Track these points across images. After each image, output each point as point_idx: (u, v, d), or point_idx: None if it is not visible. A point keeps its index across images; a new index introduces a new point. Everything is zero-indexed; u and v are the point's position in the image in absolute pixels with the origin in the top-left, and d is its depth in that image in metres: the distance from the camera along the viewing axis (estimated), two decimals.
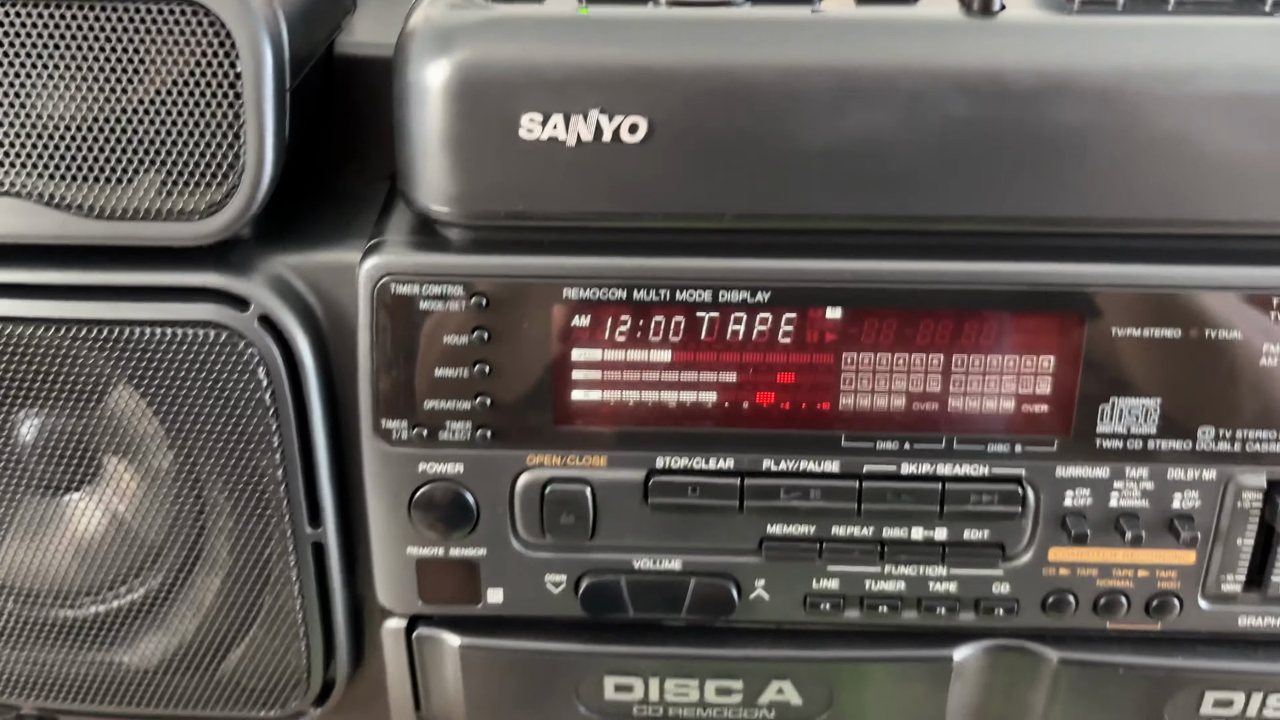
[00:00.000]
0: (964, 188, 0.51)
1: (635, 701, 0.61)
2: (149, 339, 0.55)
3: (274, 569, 0.60)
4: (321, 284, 0.56)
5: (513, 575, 0.59)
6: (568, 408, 0.55)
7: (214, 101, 0.51)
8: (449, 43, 0.50)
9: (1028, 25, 0.51)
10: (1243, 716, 0.60)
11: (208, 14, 0.50)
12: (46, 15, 0.50)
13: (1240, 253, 0.53)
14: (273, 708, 0.65)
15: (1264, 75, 0.49)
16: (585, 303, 0.53)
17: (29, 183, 0.52)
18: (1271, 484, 0.56)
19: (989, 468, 0.56)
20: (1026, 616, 0.59)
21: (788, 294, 0.53)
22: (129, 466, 0.61)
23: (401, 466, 0.56)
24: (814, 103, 0.50)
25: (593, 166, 0.51)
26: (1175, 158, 0.50)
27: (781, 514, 0.57)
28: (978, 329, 0.53)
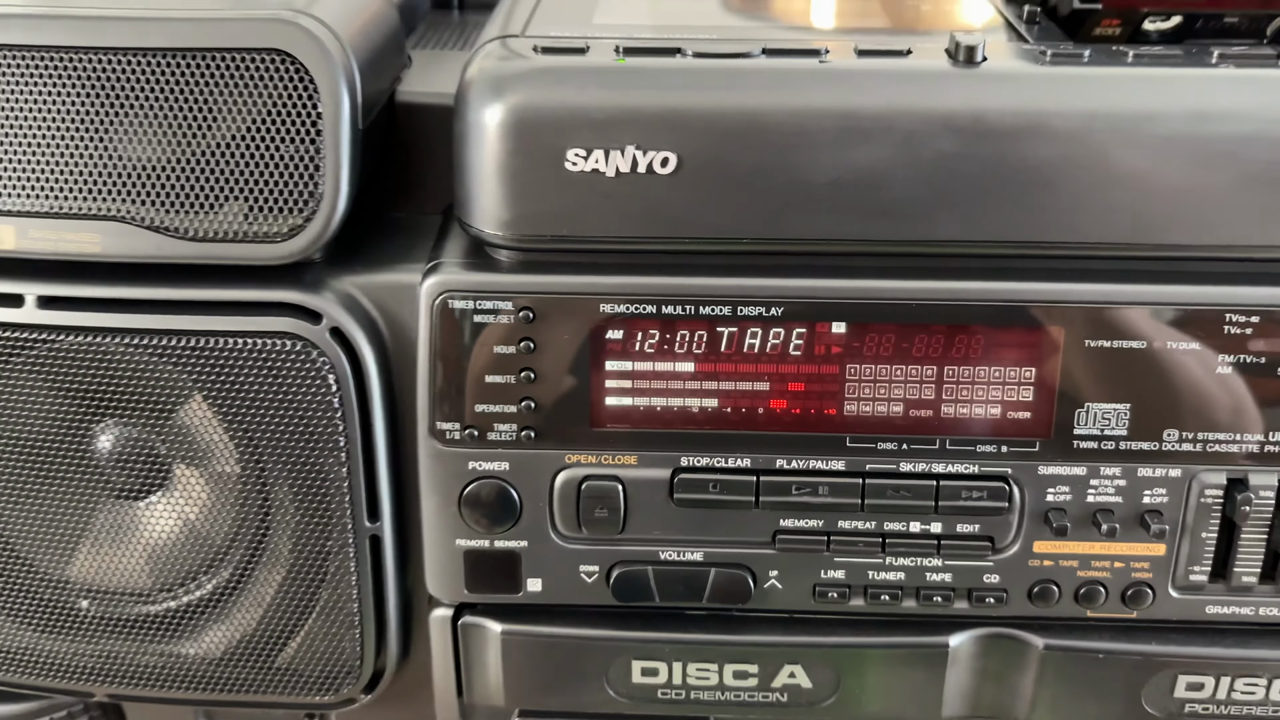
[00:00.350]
0: (952, 215, 0.57)
1: (660, 685, 0.66)
2: (227, 348, 0.61)
3: (334, 562, 0.65)
4: (384, 301, 0.62)
5: (550, 566, 0.64)
6: (603, 411, 0.61)
7: (297, 139, 0.57)
8: (504, 89, 0.57)
9: (1006, 74, 0.57)
10: (1213, 699, 0.64)
11: (295, 62, 0.56)
12: (159, 64, 0.57)
13: (1194, 273, 0.58)
14: (326, 694, 0.69)
15: (1209, 118, 0.56)
16: (619, 317, 0.59)
17: (133, 209, 0.58)
18: (1231, 481, 0.61)
19: (978, 466, 0.61)
20: (1014, 605, 0.64)
21: (798, 310, 0.59)
22: (198, 473, 0.66)
23: (453, 464, 0.62)
24: (821, 140, 0.56)
25: (629, 195, 0.57)
26: (1135, 189, 0.56)
27: (793, 509, 0.62)
28: (967, 342, 0.59)
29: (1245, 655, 0.64)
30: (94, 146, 0.58)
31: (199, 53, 0.57)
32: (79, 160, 0.58)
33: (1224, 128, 0.56)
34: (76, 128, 0.58)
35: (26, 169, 0.59)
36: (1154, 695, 0.65)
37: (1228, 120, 0.56)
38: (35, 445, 0.65)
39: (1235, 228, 0.57)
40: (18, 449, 0.65)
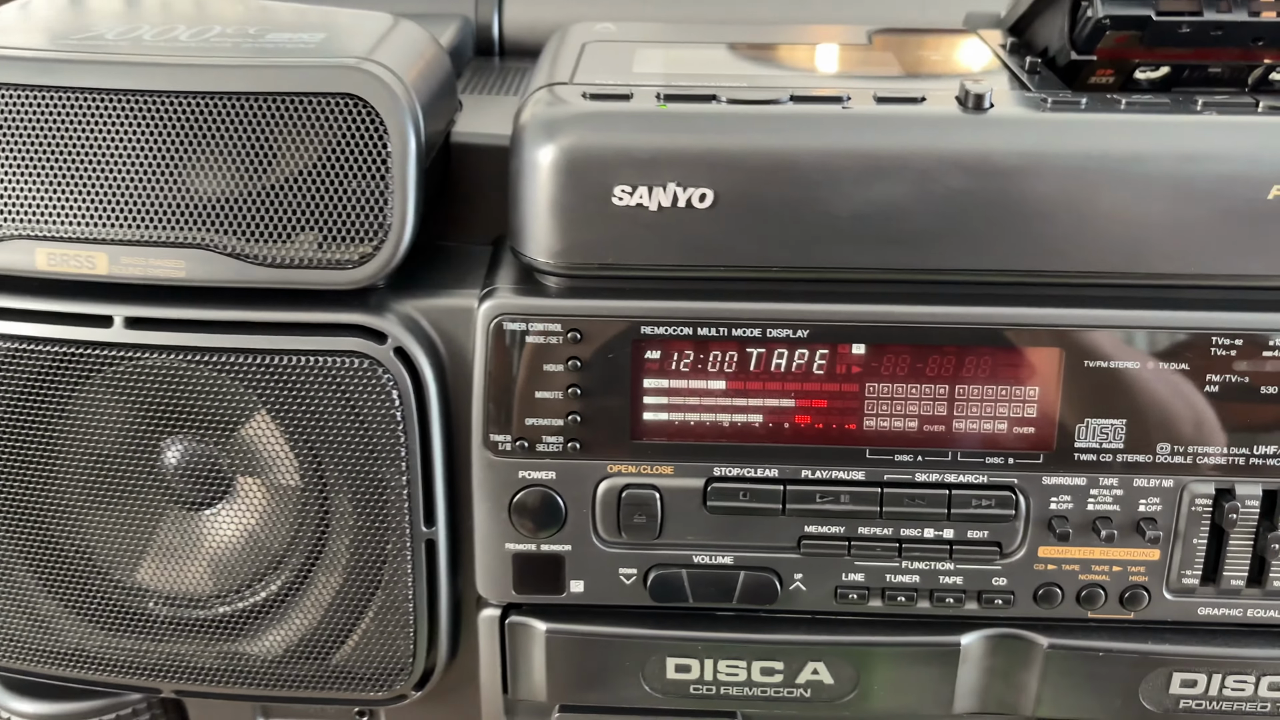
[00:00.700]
0: (962, 246, 0.62)
1: (692, 681, 0.70)
2: (298, 366, 0.65)
3: (390, 566, 0.69)
4: (441, 322, 0.67)
5: (592, 568, 0.68)
6: (642, 425, 0.66)
7: (367, 175, 0.62)
8: (557, 132, 0.62)
9: (1011, 119, 0.62)
10: (1205, 695, 0.69)
11: (367, 106, 0.61)
12: (241, 107, 0.62)
13: (1182, 300, 0.63)
14: (379, 690, 0.73)
15: (1195, 159, 0.61)
16: (658, 338, 0.64)
17: (215, 238, 0.63)
18: (1219, 491, 0.65)
19: (987, 477, 0.66)
20: (1021, 606, 0.68)
21: (821, 332, 0.64)
22: (259, 484, 0.70)
23: (504, 473, 0.67)
24: (843, 178, 0.61)
25: (669, 227, 0.62)
26: (1128, 223, 0.62)
27: (817, 516, 0.66)
28: (976, 362, 0.64)
29: (1235, 654, 0.68)
30: (180, 181, 0.63)
31: (278, 96, 0.62)
32: (166, 193, 0.63)
33: (1207, 168, 0.61)
34: (164, 164, 0.63)
35: (118, 201, 0.63)
36: (1150, 692, 0.69)
37: (1211, 161, 0.61)
38: (109, 458, 0.70)
39: (1218, 258, 0.62)
40: (93, 461, 0.70)
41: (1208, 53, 0.68)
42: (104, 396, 0.68)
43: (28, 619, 0.73)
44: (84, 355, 0.67)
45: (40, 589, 0.73)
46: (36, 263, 0.65)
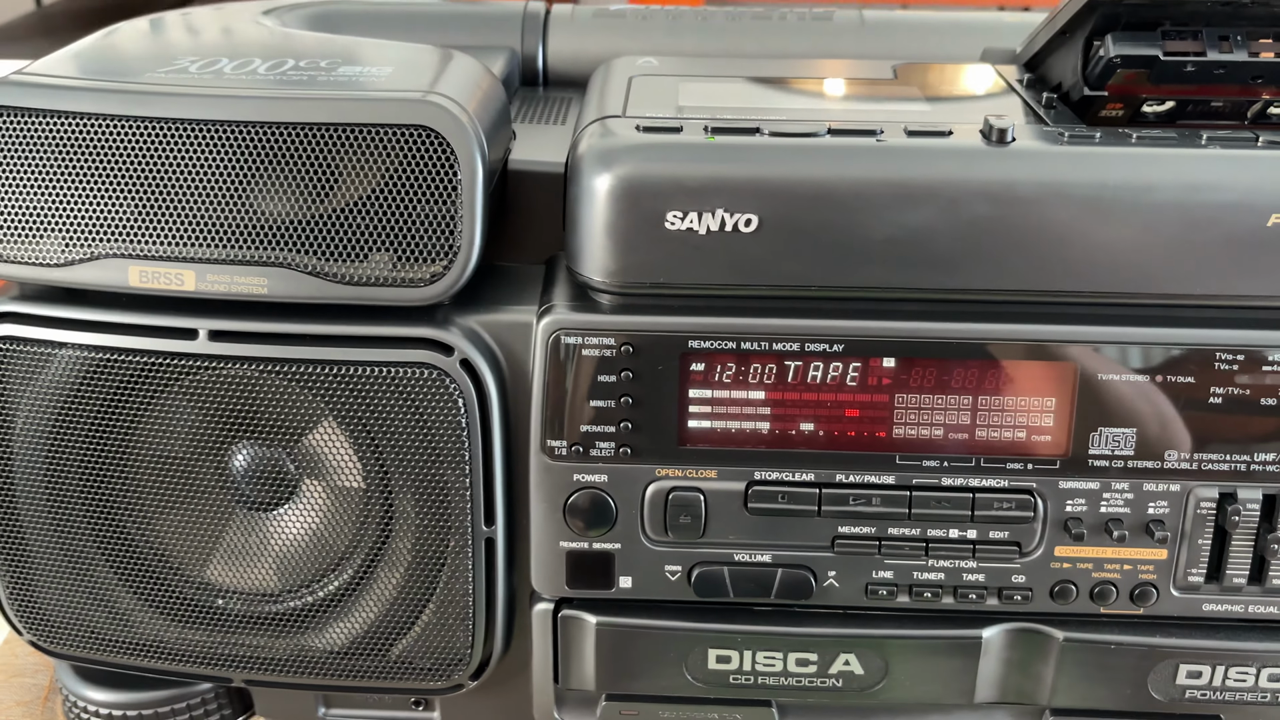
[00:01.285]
0: (986, 268, 0.66)
1: (732, 671, 0.74)
2: (370, 376, 0.69)
3: (451, 563, 0.73)
4: (502, 336, 0.71)
5: (640, 565, 0.72)
6: (688, 432, 0.70)
7: (438, 200, 0.66)
8: (613, 162, 0.66)
9: (1032, 151, 0.66)
10: (1209, 685, 0.73)
11: (438, 137, 0.65)
12: (322, 136, 0.66)
13: (1188, 318, 0.67)
14: (437, 681, 0.77)
15: (1199, 189, 0.65)
16: (704, 351, 0.68)
17: (296, 257, 0.67)
18: (1222, 495, 0.69)
19: (1008, 481, 0.70)
20: (1038, 602, 0.72)
21: (855, 347, 0.68)
22: (323, 487, 0.74)
23: (559, 476, 0.71)
24: (877, 205, 0.65)
25: (717, 250, 0.66)
26: (1138, 247, 0.66)
27: (850, 517, 0.70)
28: (997, 375, 0.68)
29: (1237, 647, 0.72)
30: (262, 205, 0.67)
31: (354, 127, 0.66)
32: (249, 216, 0.67)
33: (1211, 197, 0.65)
34: (247, 189, 0.67)
35: (204, 223, 0.67)
36: (1158, 682, 0.73)
37: (1214, 191, 0.65)
38: (181, 462, 0.74)
39: (1221, 280, 0.66)
40: (166, 464, 0.74)
41: (1210, 89, 0.72)
42: (180, 404, 0.72)
43: (108, 613, 0.77)
44: (166, 365, 0.71)
45: (119, 585, 0.77)
46: (129, 279, 0.69)
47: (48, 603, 0.78)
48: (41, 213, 0.69)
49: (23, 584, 0.77)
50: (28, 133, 0.68)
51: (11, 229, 0.70)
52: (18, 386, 0.73)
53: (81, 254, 0.69)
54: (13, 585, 0.78)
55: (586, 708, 0.77)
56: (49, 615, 0.78)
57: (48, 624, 0.78)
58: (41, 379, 0.72)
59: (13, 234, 0.70)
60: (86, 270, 0.70)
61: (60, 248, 0.70)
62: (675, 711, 0.76)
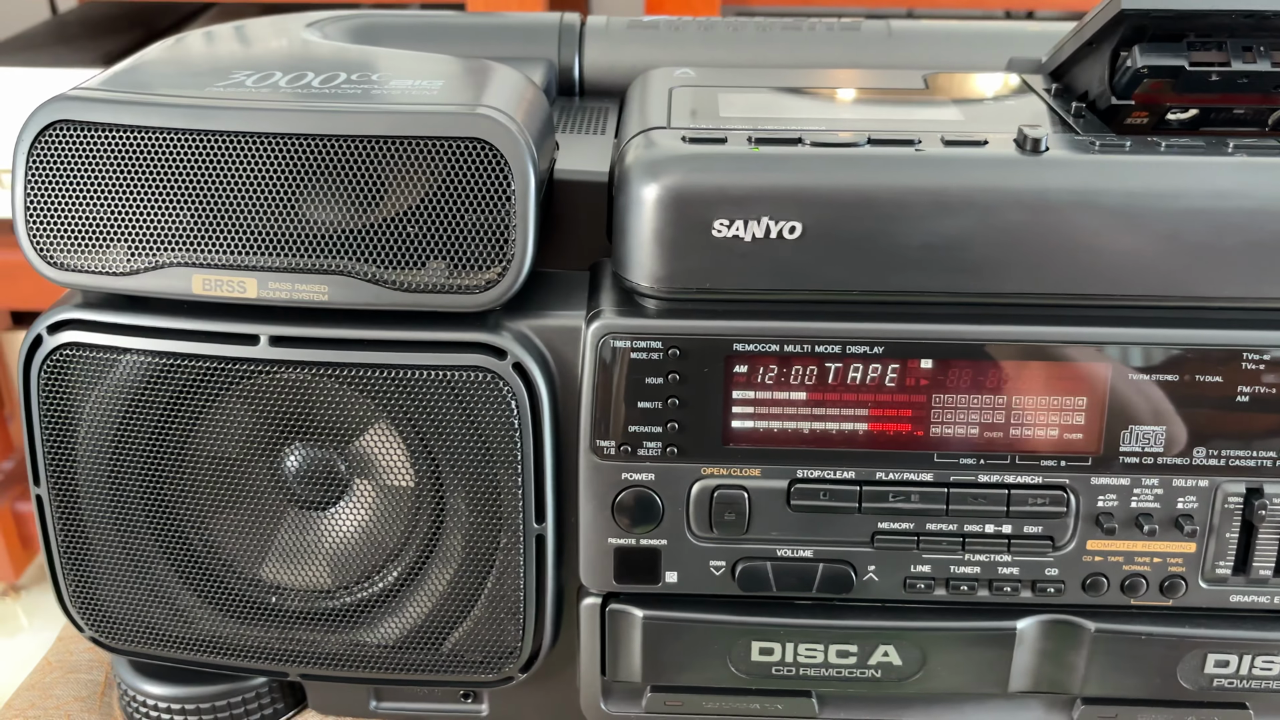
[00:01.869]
0: (1021, 272, 0.68)
1: (774, 663, 0.76)
2: (425, 380, 0.71)
3: (502, 560, 0.75)
4: (552, 340, 0.73)
5: (685, 560, 0.74)
6: (732, 432, 0.72)
7: (493, 209, 0.68)
8: (661, 172, 0.68)
9: (1064, 160, 0.68)
10: (1236, 674, 0.75)
11: (494, 151, 0.67)
12: (379, 149, 0.68)
13: (1216, 320, 0.69)
14: (488, 673, 0.79)
15: (1226, 195, 0.67)
16: (748, 354, 0.71)
17: (356, 265, 0.70)
18: (1249, 490, 0.71)
19: (1042, 478, 0.72)
20: (1070, 595, 0.74)
21: (894, 349, 0.70)
22: (374, 487, 0.77)
23: (608, 475, 0.73)
24: (916, 213, 0.67)
25: (761, 256, 0.68)
26: (1167, 251, 0.68)
27: (889, 513, 0.73)
28: (1031, 375, 0.70)
29: (1263, 637, 0.74)
30: (321, 214, 0.69)
31: (410, 140, 0.68)
32: (309, 225, 0.69)
33: (1238, 203, 0.67)
34: (306, 199, 0.69)
35: (266, 232, 0.69)
36: (1187, 671, 0.76)
37: (1240, 197, 0.67)
38: (237, 463, 0.76)
39: (1248, 283, 0.68)
40: (224, 465, 0.76)
41: (1233, 98, 0.75)
42: (237, 408, 0.75)
43: (166, 610, 0.80)
44: (226, 370, 0.73)
45: (178, 582, 0.79)
46: (192, 287, 0.71)
47: (108, 600, 0.80)
48: (106, 224, 0.71)
49: (84, 583, 0.80)
50: (93, 147, 0.70)
51: (77, 240, 0.72)
52: (81, 391, 0.75)
53: (146, 263, 0.72)
54: (75, 584, 0.80)
55: (632, 699, 0.80)
56: (109, 612, 0.81)
57: (108, 621, 0.81)
58: (105, 384, 0.75)
59: (78, 245, 0.72)
60: (151, 279, 0.72)
61: (125, 257, 0.72)
62: (718, 702, 0.79)
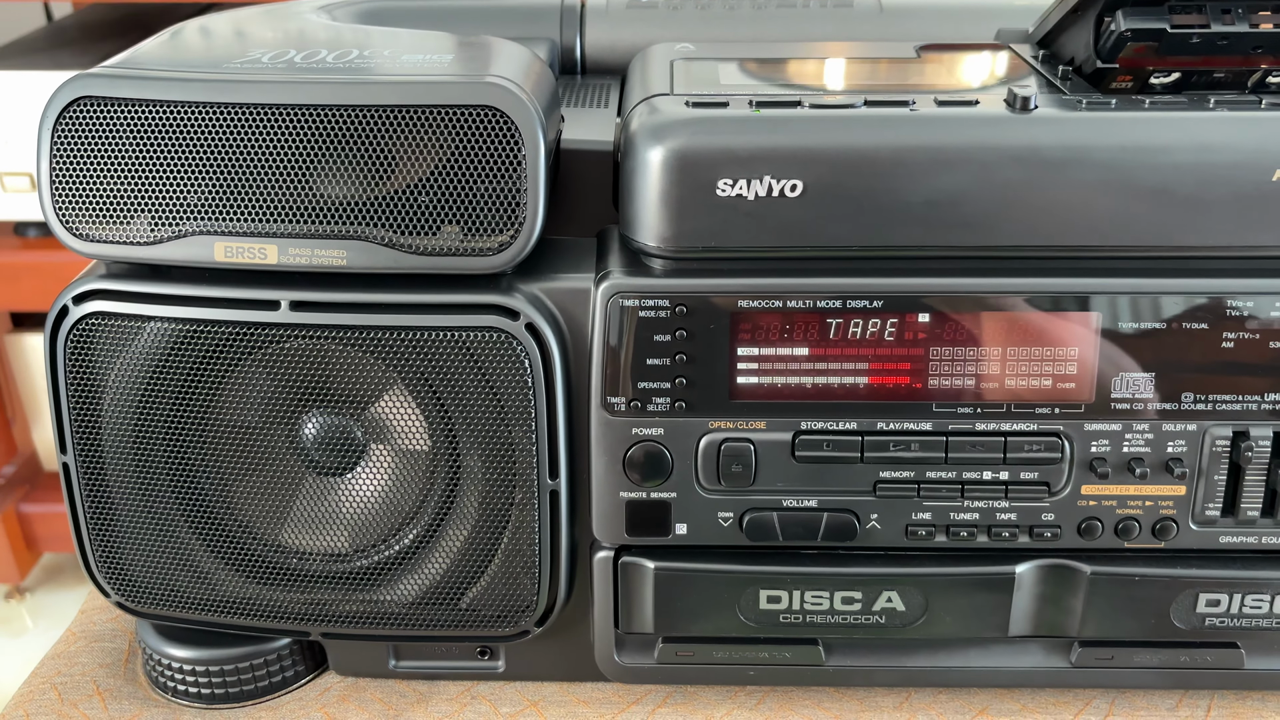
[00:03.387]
0: (1014, 226, 0.70)
1: (782, 610, 0.79)
2: (441, 341, 0.73)
3: (517, 516, 0.78)
4: (563, 302, 0.75)
5: (694, 512, 0.77)
6: (738, 387, 0.74)
7: (505, 175, 0.70)
8: (666, 135, 0.71)
9: (1053, 117, 0.71)
10: (1227, 613, 0.78)
11: (506, 118, 0.70)
12: (395, 118, 0.70)
13: (1202, 269, 0.72)
14: (504, 628, 0.81)
15: (1209, 148, 0.70)
16: (752, 310, 0.73)
17: (373, 231, 0.72)
18: (1236, 434, 0.74)
19: (1037, 425, 0.74)
20: (1066, 539, 0.76)
21: (893, 303, 0.72)
22: (391, 451, 0.79)
23: (619, 431, 0.75)
24: (913, 170, 0.70)
25: (764, 215, 0.71)
26: (1154, 203, 0.70)
27: (890, 463, 0.75)
28: (1026, 326, 0.73)
29: (1253, 576, 0.77)
30: (340, 182, 0.72)
31: (426, 109, 0.70)
32: (328, 192, 0.72)
33: (1220, 156, 0.70)
34: (326, 167, 0.71)
35: (285, 199, 0.72)
36: (1180, 611, 0.78)
37: (1223, 151, 0.70)
38: (256, 430, 0.78)
39: (1231, 232, 0.71)
40: (244, 432, 0.78)
41: (1213, 60, 0.77)
42: (256, 375, 0.77)
43: (190, 574, 0.82)
44: (248, 336, 0.75)
45: (200, 546, 0.81)
46: (214, 255, 0.74)
47: (133, 565, 0.83)
48: (130, 195, 0.74)
49: (110, 548, 0.82)
50: (117, 121, 0.73)
51: (102, 211, 0.74)
52: (106, 360, 0.77)
53: (169, 233, 0.74)
54: (102, 549, 0.82)
55: (645, 650, 0.82)
56: (135, 577, 0.83)
57: (133, 585, 0.83)
58: (129, 352, 0.77)
59: (103, 216, 0.74)
60: (174, 248, 0.74)
61: (148, 227, 0.74)
62: (728, 651, 0.81)
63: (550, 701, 0.86)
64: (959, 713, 0.84)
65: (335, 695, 0.87)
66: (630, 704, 0.86)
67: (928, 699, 0.85)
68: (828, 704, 0.85)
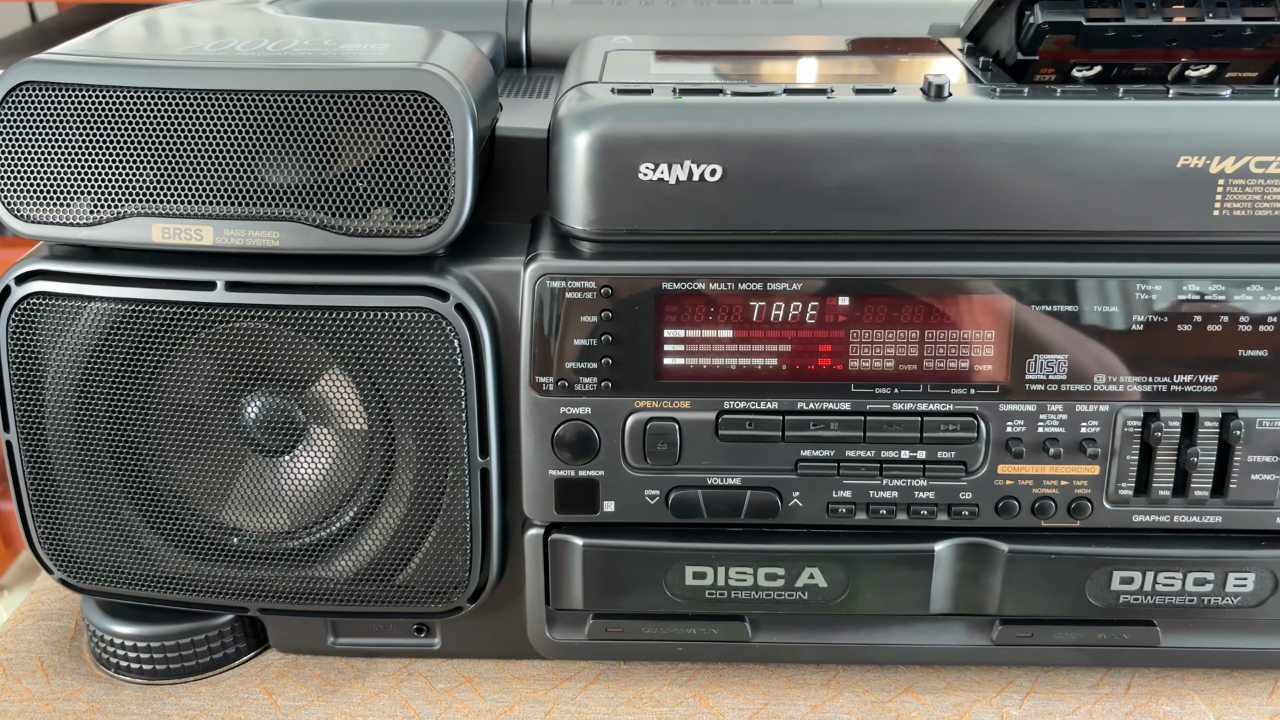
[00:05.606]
0: (929, 210, 0.72)
1: (708, 586, 0.80)
2: (373, 320, 0.75)
3: (449, 494, 0.79)
4: (493, 283, 0.77)
5: (622, 490, 0.78)
6: (663, 367, 0.76)
7: (434, 159, 0.72)
8: (591, 120, 0.73)
9: (966, 105, 0.73)
10: (1141, 590, 0.79)
11: (433, 102, 0.71)
12: (329, 102, 0.72)
13: (1112, 253, 0.74)
14: (438, 604, 0.83)
15: (1116, 136, 0.71)
16: (676, 292, 0.75)
17: (306, 213, 0.73)
18: (1146, 415, 0.75)
19: (953, 405, 0.76)
20: (984, 517, 0.78)
21: (813, 286, 0.74)
22: (330, 432, 0.81)
23: (547, 410, 0.77)
24: (830, 155, 0.71)
25: (685, 198, 0.72)
26: (1065, 189, 0.72)
27: (810, 441, 0.77)
28: (942, 308, 0.74)
29: (1164, 554, 0.79)
30: (275, 165, 0.74)
31: (359, 94, 0.72)
32: (264, 175, 0.73)
33: (1127, 143, 0.72)
34: (261, 151, 0.73)
35: (222, 183, 0.74)
36: (1095, 589, 0.80)
37: (1130, 138, 0.72)
38: (199, 409, 0.80)
39: (1139, 217, 0.73)
40: (186, 411, 0.80)
41: (1133, 53, 0.80)
42: (198, 355, 0.79)
43: (132, 550, 0.84)
44: (187, 316, 0.77)
45: (142, 524, 0.83)
46: (152, 236, 0.75)
47: (76, 542, 0.84)
48: (71, 178, 0.76)
49: (53, 525, 0.84)
50: (59, 106, 0.75)
51: (44, 194, 0.76)
52: (49, 339, 0.79)
53: (109, 214, 0.76)
54: (44, 526, 0.84)
55: (576, 626, 0.84)
56: (77, 554, 0.85)
57: (76, 562, 0.85)
58: (71, 332, 0.79)
59: (45, 199, 0.76)
60: (113, 229, 0.76)
61: (88, 209, 0.76)
62: (657, 627, 0.83)
63: (485, 678, 0.88)
64: (885, 690, 0.86)
65: (274, 671, 0.88)
66: (563, 680, 0.87)
67: (855, 677, 0.87)
68: (757, 680, 0.87)
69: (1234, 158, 0.72)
